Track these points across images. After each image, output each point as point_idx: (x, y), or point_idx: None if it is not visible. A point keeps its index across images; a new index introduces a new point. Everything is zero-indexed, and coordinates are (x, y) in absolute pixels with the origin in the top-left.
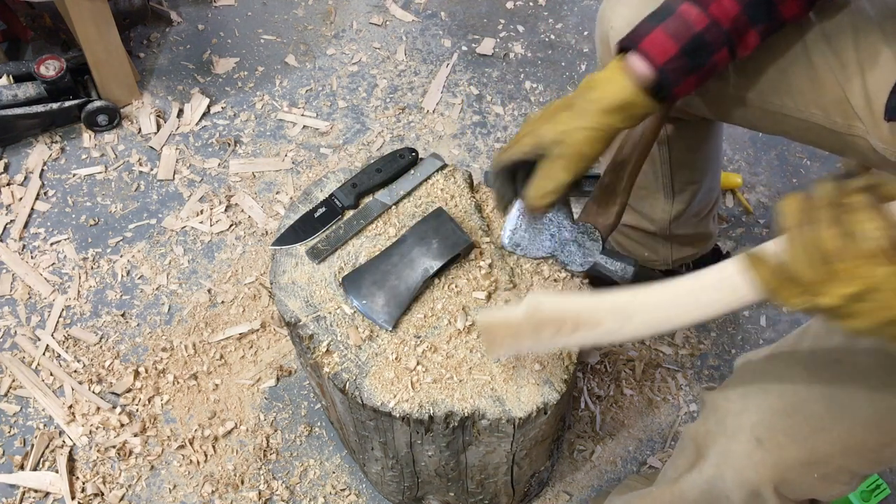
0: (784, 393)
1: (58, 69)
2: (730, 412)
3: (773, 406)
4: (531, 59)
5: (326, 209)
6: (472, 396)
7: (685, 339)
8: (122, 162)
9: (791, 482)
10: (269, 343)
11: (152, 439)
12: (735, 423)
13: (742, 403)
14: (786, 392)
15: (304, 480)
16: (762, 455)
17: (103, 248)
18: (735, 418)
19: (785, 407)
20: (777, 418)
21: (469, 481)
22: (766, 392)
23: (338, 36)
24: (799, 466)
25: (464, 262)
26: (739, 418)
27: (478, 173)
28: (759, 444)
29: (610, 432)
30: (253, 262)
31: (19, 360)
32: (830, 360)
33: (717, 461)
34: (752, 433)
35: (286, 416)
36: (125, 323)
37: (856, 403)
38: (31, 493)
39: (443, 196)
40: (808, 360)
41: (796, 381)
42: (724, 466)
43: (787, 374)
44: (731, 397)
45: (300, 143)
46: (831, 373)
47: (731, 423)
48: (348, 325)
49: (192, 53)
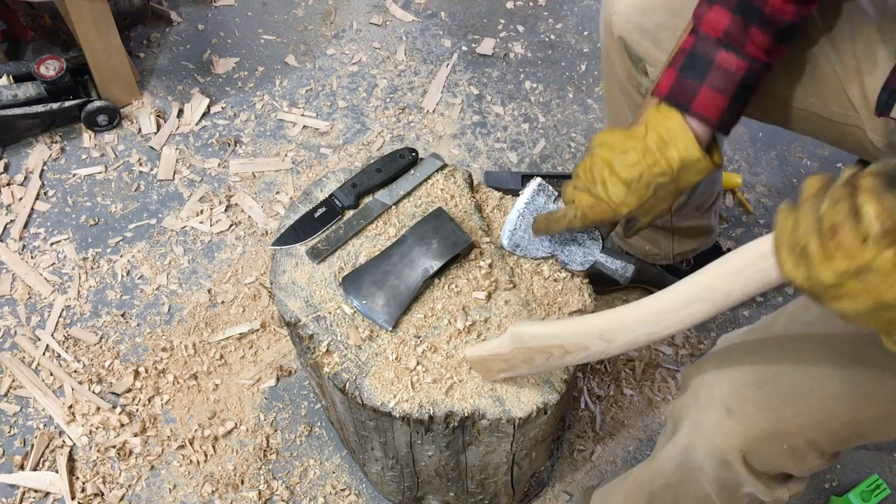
0: (756, 365)
1: (58, 69)
2: (703, 384)
3: (744, 378)
4: (531, 59)
5: (326, 209)
6: (472, 396)
7: (685, 340)
8: (122, 162)
9: (759, 453)
10: (269, 343)
11: (152, 439)
12: (707, 394)
13: (715, 375)
14: (758, 365)
15: (304, 480)
16: (731, 424)
17: (103, 248)
18: (707, 389)
19: (756, 378)
20: (748, 389)
21: (469, 481)
22: (739, 364)
23: (338, 36)
24: (767, 437)
25: (464, 262)
26: (711, 389)
27: (478, 173)
28: (730, 413)
29: (610, 432)
30: (253, 262)
31: (19, 360)
32: (804, 335)
33: (688, 431)
34: (724, 403)
35: (286, 416)
36: (125, 323)
37: (827, 378)
38: (31, 493)
39: (443, 196)
40: (782, 336)
41: (769, 355)
42: (695, 436)
43: (761, 349)
44: (706, 369)
45: (300, 143)
46: (804, 347)
47: (704, 395)
48: (348, 325)
49: (192, 53)
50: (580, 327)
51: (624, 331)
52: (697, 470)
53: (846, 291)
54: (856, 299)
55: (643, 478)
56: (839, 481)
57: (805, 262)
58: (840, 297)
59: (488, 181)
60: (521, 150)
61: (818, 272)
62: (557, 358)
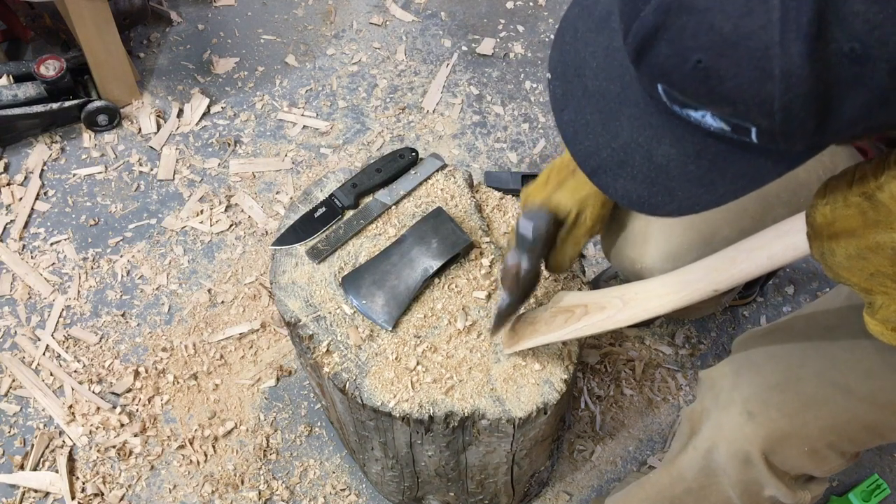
0: (777, 369)
1: (58, 69)
2: (723, 388)
3: (765, 381)
4: (531, 59)
5: (326, 209)
6: (472, 396)
7: (685, 339)
8: (122, 162)
9: (781, 454)
10: (269, 343)
11: (152, 439)
12: (728, 398)
13: (735, 379)
14: (779, 368)
15: (304, 480)
16: (753, 427)
17: (103, 248)
18: (728, 393)
19: (778, 382)
20: (769, 393)
21: (469, 481)
22: (759, 368)
23: (338, 36)
24: (789, 440)
25: (464, 261)
26: (732, 393)
27: (478, 173)
28: (751, 417)
29: (610, 432)
30: (253, 262)
31: (19, 360)
32: (825, 339)
33: (710, 434)
34: (745, 407)
35: (286, 416)
36: (125, 323)
37: (849, 381)
38: (31, 493)
39: (443, 196)
40: (802, 339)
41: (790, 358)
42: (717, 439)
43: (781, 352)
44: (725, 373)
45: (300, 143)
46: (825, 351)
47: (724, 398)
48: (348, 325)
49: (192, 53)
50: (605, 292)
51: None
52: (720, 473)
53: (847, 226)
54: (850, 237)
55: (662, 484)
56: (839, 481)
57: (832, 189)
58: (839, 234)
59: (488, 181)
60: (521, 150)
61: (838, 197)
62: (577, 318)
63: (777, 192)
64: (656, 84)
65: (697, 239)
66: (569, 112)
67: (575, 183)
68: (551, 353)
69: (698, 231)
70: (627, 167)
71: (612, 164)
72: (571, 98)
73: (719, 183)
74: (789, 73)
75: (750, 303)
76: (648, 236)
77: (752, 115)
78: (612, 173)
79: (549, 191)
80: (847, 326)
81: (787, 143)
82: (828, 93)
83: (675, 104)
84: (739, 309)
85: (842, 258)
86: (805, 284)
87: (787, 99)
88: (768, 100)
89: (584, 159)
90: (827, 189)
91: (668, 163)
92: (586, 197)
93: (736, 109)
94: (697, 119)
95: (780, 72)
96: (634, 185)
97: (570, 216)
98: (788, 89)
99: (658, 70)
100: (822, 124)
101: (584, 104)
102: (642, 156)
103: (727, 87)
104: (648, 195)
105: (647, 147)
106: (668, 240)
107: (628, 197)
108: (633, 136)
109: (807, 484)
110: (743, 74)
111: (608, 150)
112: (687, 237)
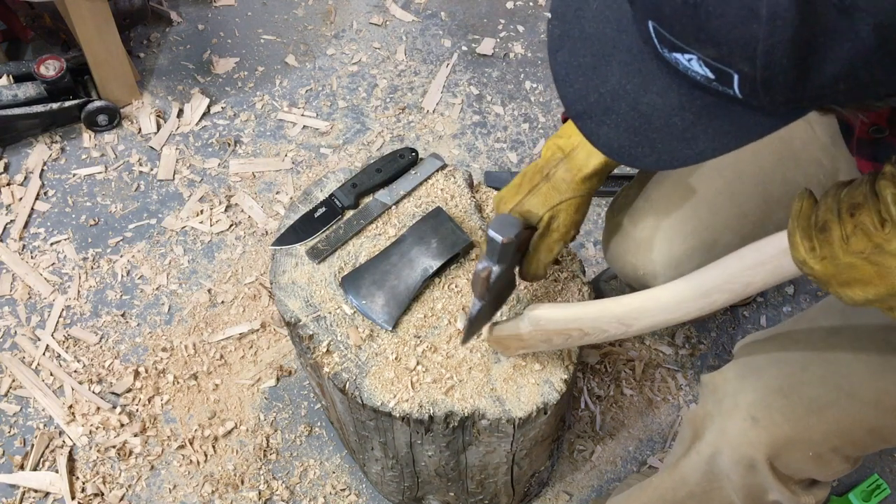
0: (780, 374)
1: (58, 69)
2: (727, 393)
3: (769, 386)
4: (531, 59)
5: (326, 209)
6: (472, 396)
7: (685, 339)
8: (122, 162)
9: (785, 458)
10: (269, 343)
11: (152, 439)
12: (731, 403)
13: (738, 384)
14: (782, 373)
15: (304, 480)
16: (757, 432)
17: (103, 248)
18: (732, 398)
19: (781, 387)
20: (773, 398)
21: (469, 481)
22: (762, 372)
23: (338, 36)
24: (793, 444)
25: (463, 261)
26: (736, 398)
27: (478, 173)
28: (755, 422)
29: (610, 432)
30: (253, 262)
31: (19, 360)
32: (828, 344)
33: (713, 439)
34: (749, 412)
35: (286, 416)
36: (125, 323)
37: (854, 385)
38: (31, 493)
39: (443, 196)
40: (805, 343)
41: (793, 363)
42: (721, 444)
43: (784, 356)
44: (729, 378)
45: (300, 143)
46: (828, 356)
47: (728, 403)
48: (348, 325)
49: (192, 53)
50: (600, 313)
51: (643, 317)
52: (723, 478)
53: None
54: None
55: (664, 487)
56: (839, 481)
57: (821, 243)
58: (851, 282)
59: (488, 181)
60: (521, 150)
61: (835, 251)
62: (577, 339)
63: (778, 198)
64: (647, 21)
65: (700, 246)
66: (563, 53)
67: (548, 189)
68: (551, 354)
69: (700, 238)
70: (612, 114)
71: (597, 109)
72: (568, 39)
73: (701, 138)
74: (776, 14)
75: (750, 303)
76: (651, 243)
77: (736, 59)
78: (596, 119)
79: (521, 196)
80: (850, 330)
81: (767, 95)
82: (812, 42)
83: (665, 46)
84: (739, 309)
85: (861, 300)
86: (805, 284)
87: (771, 43)
88: (752, 41)
89: (571, 102)
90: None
91: (652, 112)
92: (559, 203)
93: (720, 52)
94: (685, 66)
95: (767, 12)
96: (617, 133)
97: (543, 222)
98: (773, 32)
99: (650, 4)
100: (804, 77)
101: (579, 46)
102: (628, 104)
103: (714, 25)
104: (630, 145)
105: (633, 95)
106: (670, 247)
107: (609, 145)
108: (622, 83)
109: (810, 488)
110: (730, 13)
111: (596, 95)
112: (689, 244)
